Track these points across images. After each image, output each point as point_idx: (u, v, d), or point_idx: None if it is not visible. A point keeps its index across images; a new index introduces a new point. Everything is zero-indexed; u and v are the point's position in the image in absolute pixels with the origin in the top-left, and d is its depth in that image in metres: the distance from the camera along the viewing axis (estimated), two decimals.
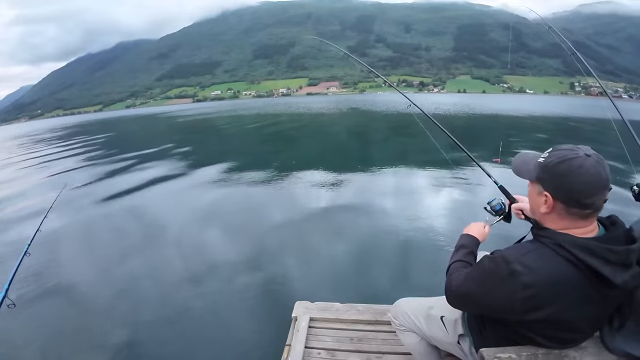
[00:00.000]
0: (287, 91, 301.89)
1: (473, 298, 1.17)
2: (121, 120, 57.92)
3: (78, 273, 4.55)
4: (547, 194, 1.05)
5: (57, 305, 3.85)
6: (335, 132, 21.58)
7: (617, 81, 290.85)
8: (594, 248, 0.97)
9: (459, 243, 1.47)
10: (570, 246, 0.99)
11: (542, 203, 1.08)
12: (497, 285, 1.06)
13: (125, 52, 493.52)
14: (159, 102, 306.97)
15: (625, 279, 0.99)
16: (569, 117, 30.60)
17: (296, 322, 2.34)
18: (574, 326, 1.08)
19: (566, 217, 1.05)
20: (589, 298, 1.02)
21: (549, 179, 1.04)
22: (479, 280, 1.14)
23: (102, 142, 22.22)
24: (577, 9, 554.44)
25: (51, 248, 5.13)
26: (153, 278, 4.31)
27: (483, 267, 1.13)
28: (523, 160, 1.19)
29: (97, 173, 10.99)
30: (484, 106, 43.77)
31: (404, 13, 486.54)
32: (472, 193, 7.16)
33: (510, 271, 1.02)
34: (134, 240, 5.52)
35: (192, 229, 5.84)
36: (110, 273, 4.49)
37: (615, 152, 2.47)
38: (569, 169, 0.99)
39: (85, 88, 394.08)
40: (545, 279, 0.99)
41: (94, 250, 5.29)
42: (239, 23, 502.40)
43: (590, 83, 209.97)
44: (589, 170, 0.97)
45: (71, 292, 4.08)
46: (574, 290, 1.00)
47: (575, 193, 0.99)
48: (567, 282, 0.99)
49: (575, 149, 1.02)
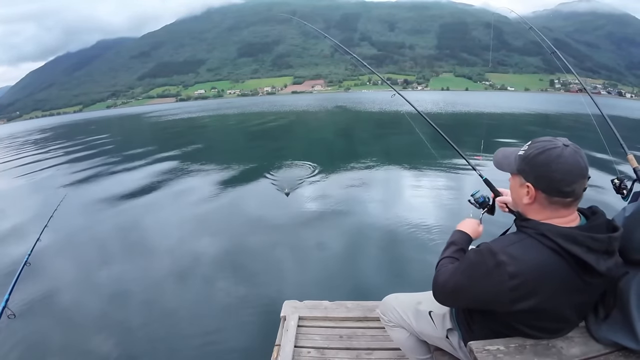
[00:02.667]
0: (272, 90, 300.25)
1: (460, 292, 1.17)
2: (105, 121, 56.53)
3: (77, 282, 4.42)
4: (529, 184, 1.07)
5: (57, 316, 3.74)
6: (323, 130, 21.60)
7: (596, 78, 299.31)
8: (577, 236, 0.99)
9: (450, 240, 1.45)
10: (553, 235, 1.00)
11: (525, 194, 1.10)
12: (484, 277, 1.07)
13: (105, 51, 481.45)
14: (140, 102, 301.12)
15: (609, 267, 1.01)
16: (548, 113, 31.41)
17: (285, 321, 2.33)
18: (561, 315, 1.10)
19: (548, 207, 1.07)
20: (574, 286, 1.03)
21: (529, 170, 1.07)
22: (465, 273, 1.15)
23: (92, 145, 21.60)
24: (557, 8, 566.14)
25: (52, 258, 4.93)
26: (141, 281, 4.21)
27: (469, 260, 1.14)
28: (503, 154, 1.22)
29: (95, 178, 10.60)
30: (466, 103, 44.38)
31: (388, 11, 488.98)
32: (459, 187, 7.23)
33: (496, 262, 1.04)
34: (125, 246, 5.39)
35: (178, 233, 5.70)
36: (107, 280, 4.36)
37: (595, 145, 2.50)
38: (548, 159, 1.02)
39: (65, 88, 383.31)
40: (530, 269, 1.01)
41: (92, 259, 5.08)
42: (222, 21, 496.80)
43: (569, 80, 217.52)
44: (568, 160, 1.00)
45: (70, 303, 3.95)
46: (559, 278, 1.01)
47: (556, 182, 1.02)
48: (553, 271, 1.01)
49: (554, 140, 1.05)
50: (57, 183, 10.11)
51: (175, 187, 8.61)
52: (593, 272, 1.00)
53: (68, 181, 10.26)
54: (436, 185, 7.53)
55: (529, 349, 1.09)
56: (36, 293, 4.04)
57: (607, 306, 1.10)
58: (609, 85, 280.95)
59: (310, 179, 8.28)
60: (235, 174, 9.63)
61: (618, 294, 1.07)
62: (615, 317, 1.08)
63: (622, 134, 2.04)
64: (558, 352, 1.08)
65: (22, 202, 8.75)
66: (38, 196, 9.02)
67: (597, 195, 4.66)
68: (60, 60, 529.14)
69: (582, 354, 1.08)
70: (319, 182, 8.02)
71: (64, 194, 5.23)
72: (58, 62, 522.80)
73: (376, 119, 27.16)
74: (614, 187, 1.84)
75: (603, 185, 1.77)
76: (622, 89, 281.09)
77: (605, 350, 1.08)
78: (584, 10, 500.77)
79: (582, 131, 15.17)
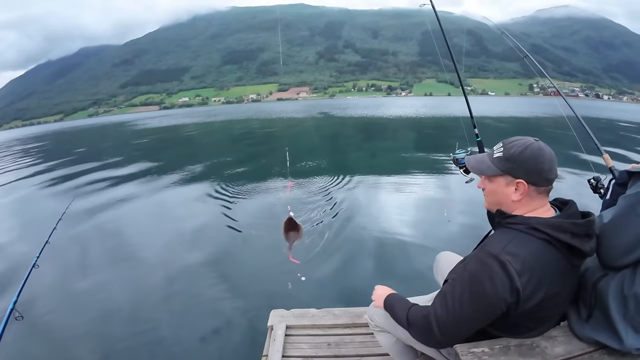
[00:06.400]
0: (257, 97, 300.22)
1: (469, 317, 1.11)
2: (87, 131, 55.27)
3: (86, 284, 4.33)
4: (521, 180, 1.12)
5: (66, 317, 3.68)
6: (308, 136, 21.65)
7: (573, 81, 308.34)
8: (562, 224, 1.07)
9: (389, 304, 1.41)
10: (543, 227, 1.07)
11: (513, 192, 1.15)
12: (490, 284, 1.06)
13: (87, 59, 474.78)
14: (123, 110, 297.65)
15: (592, 247, 1.12)
16: (527, 116, 32.34)
17: (272, 331, 2.30)
18: (559, 302, 1.15)
19: (535, 198, 1.14)
20: (566, 271, 1.11)
21: (518, 167, 1.12)
22: (468, 291, 1.10)
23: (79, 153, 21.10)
24: (535, 14, 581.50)
25: (60, 260, 4.83)
26: (123, 293, 4.05)
27: (469, 275, 1.12)
28: (476, 159, 1.27)
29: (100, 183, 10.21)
30: (448, 108, 45.06)
31: (371, 19, 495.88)
32: (440, 188, 7.46)
33: (500, 263, 1.04)
34: (103, 257, 5.18)
35: (157, 244, 5.51)
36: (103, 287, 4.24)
37: (571, 146, 2.51)
38: (533, 153, 1.10)
39: (45, 97, 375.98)
40: (533, 262, 1.05)
41: (100, 262, 4.97)
42: (207, 28, 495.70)
43: (547, 84, 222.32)
44: (545, 151, 1.11)
45: (79, 304, 3.90)
46: (555, 266, 1.08)
47: (545, 172, 1.10)
48: (549, 260, 1.07)
49: (524, 138, 1.15)
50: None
51: (156, 197, 8.51)
52: (580, 255, 1.10)
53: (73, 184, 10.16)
54: (419, 187, 7.72)
55: (513, 350, 1.10)
56: (44, 294, 4.00)
57: (589, 307, 1.13)
58: (587, 88, 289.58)
59: (290, 185, 8.24)
60: (216, 182, 9.42)
61: (598, 295, 1.11)
62: (597, 318, 1.11)
63: (597, 134, 2.05)
64: (542, 351, 1.10)
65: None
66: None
67: (575, 197, 4.86)
68: (41, 69, 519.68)
69: (566, 352, 1.10)
70: (301, 188, 7.98)
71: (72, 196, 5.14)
72: (39, 70, 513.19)
73: (360, 125, 26.98)
74: (590, 186, 1.87)
75: (579, 185, 1.54)
76: (600, 91, 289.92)
77: (589, 348, 1.11)
78: (561, 16, 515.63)
79: (557, 133, 15.56)
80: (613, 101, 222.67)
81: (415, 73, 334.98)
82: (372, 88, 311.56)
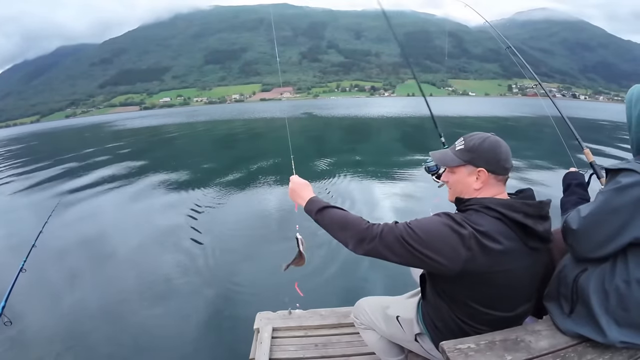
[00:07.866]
0: (240, 97, 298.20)
1: (427, 238, 1.13)
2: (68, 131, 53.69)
3: (74, 287, 4.22)
4: (482, 169, 1.20)
5: (56, 321, 3.60)
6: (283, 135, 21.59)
7: (551, 82, 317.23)
8: (514, 204, 1.14)
9: (310, 208, 1.44)
10: (495, 205, 1.14)
11: (474, 180, 1.23)
12: (454, 228, 1.12)
13: (65, 58, 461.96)
14: (102, 111, 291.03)
15: (546, 228, 1.17)
16: (507, 116, 33.05)
17: (259, 333, 2.28)
18: (514, 280, 1.17)
19: (495, 185, 1.22)
20: (522, 250, 1.15)
21: (479, 156, 1.21)
22: (431, 226, 1.15)
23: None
24: (513, 17, 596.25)
25: (48, 264, 4.62)
26: (103, 296, 3.93)
27: (435, 220, 1.17)
28: (440, 153, 1.36)
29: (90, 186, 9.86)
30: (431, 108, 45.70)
31: (354, 20, 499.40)
32: (426, 186, 7.58)
33: (462, 221, 1.12)
34: (82, 261, 5.02)
35: (137, 246, 5.36)
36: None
37: (552, 142, 2.55)
38: (491, 144, 1.20)
39: (21, 98, 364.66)
40: (491, 231, 1.11)
41: (91, 264, 4.79)
42: (188, 27, 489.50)
43: (525, 84, 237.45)
44: (501, 143, 1.22)
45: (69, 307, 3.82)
46: (509, 242, 1.12)
47: (502, 161, 1.20)
48: (502, 234, 1.12)
49: (481, 133, 1.26)
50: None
51: (143, 200, 8.34)
52: (534, 235, 1.15)
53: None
54: (398, 185, 7.91)
55: (498, 345, 1.14)
56: (33, 299, 3.86)
57: (571, 302, 1.17)
58: (564, 89, 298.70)
59: (276, 186, 8.18)
60: (199, 185, 9.29)
61: (579, 290, 1.14)
62: (580, 312, 1.14)
63: (578, 132, 2.14)
64: (527, 346, 1.13)
65: None
66: None
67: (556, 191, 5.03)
68: (17, 69, 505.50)
69: (550, 346, 1.13)
70: (284, 187, 7.95)
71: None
72: (15, 71, 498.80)
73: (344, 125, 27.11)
74: None
75: (560, 180, 1.65)
76: (577, 91, 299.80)
77: (573, 342, 1.14)
78: (539, 18, 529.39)
79: (540, 132, 16.04)
80: (589, 101, 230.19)
81: (398, 74, 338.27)
82: (356, 88, 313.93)
